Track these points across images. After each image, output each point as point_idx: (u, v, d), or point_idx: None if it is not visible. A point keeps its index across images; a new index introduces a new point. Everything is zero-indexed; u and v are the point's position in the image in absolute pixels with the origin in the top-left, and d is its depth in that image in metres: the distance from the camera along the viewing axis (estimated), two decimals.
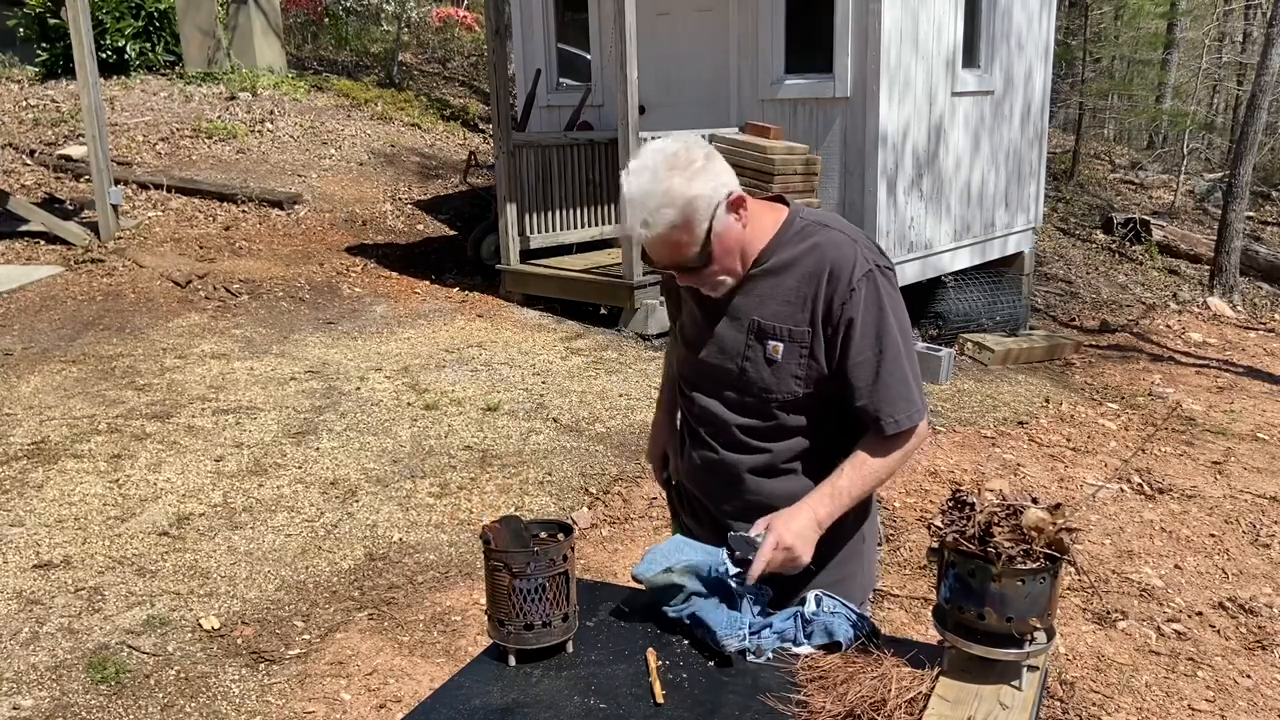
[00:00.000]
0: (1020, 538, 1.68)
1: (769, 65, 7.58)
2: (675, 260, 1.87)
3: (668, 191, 1.80)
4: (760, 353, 1.94)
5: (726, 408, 2.01)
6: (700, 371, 2.05)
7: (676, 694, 1.74)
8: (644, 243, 1.86)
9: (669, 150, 1.83)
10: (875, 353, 1.89)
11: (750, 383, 1.96)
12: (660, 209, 1.80)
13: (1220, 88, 19.62)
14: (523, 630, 1.84)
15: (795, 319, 1.92)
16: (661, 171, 1.81)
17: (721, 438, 2.03)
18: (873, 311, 1.88)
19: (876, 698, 1.68)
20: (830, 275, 1.89)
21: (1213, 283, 11.13)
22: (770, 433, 1.99)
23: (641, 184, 1.81)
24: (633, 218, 1.83)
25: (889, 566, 4.43)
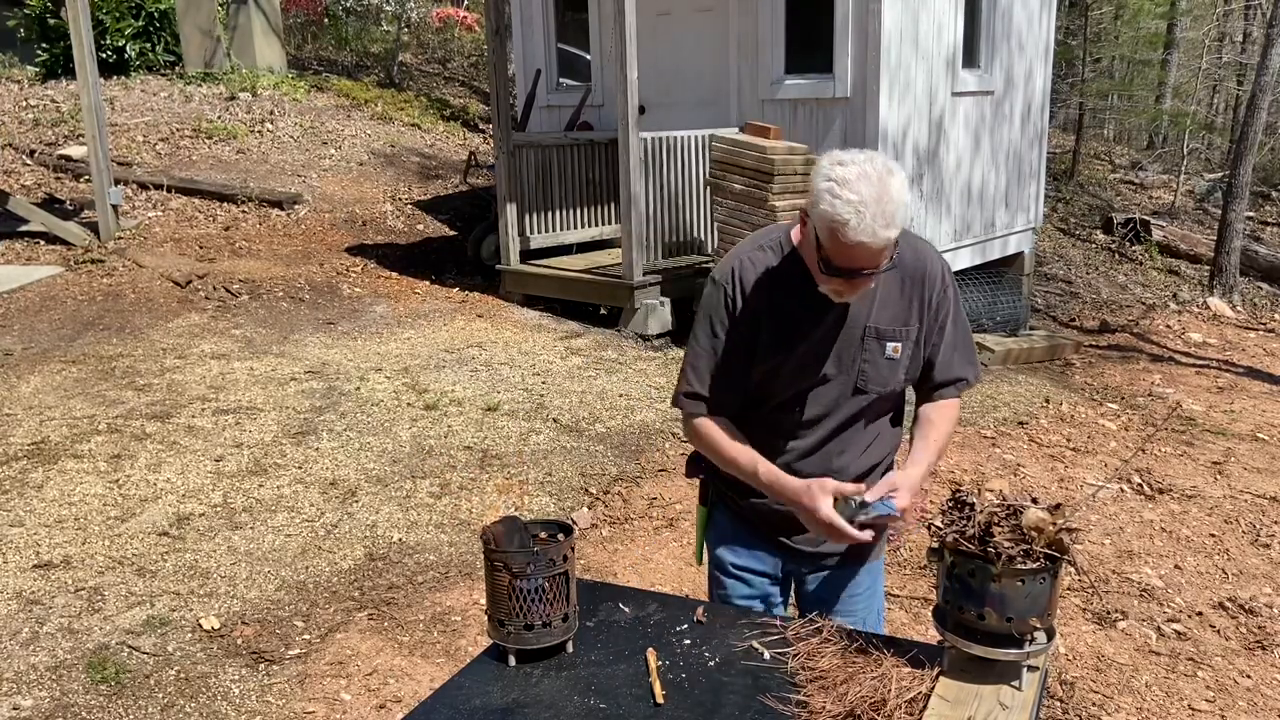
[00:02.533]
0: (1020, 538, 1.68)
1: (769, 65, 7.58)
2: (875, 263, 1.94)
3: (898, 198, 1.89)
4: (879, 354, 2.14)
5: (843, 410, 2.19)
6: (812, 380, 2.15)
7: (676, 694, 1.74)
8: (874, 247, 1.89)
9: (881, 162, 1.92)
10: (962, 334, 2.23)
11: (868, 382, 2.16)
12: (895, 213, 1.89)
13: (1220, 88, 19.62)
14: (523, 630, 1.84)
15: (907, 320, 2.15)
16: (889, 183, 1.88)
17: (838, 436, 2.21)
18: (955, 303, 2.21)
19: (876, 698, 1.68)
20: (928, 277, 2.15)
21: (1213, 283, 11.13)
22: (873, 419, 2.24)
23: (872, 190, 1.86)
24: (869, 222, 1.86)
25: (889, 566, 4.43)
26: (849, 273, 1.95)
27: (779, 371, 2.15)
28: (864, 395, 2.17)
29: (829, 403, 2.18)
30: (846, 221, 1.86)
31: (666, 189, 7.43)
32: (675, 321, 7.19)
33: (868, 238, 1.87)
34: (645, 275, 7.12)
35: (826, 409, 2.18)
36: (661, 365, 6.62)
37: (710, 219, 7.42)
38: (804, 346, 2.12)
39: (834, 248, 1.92)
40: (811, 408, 2.18)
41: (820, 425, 2.20)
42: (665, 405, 5.89)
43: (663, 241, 7.50)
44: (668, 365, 6.62)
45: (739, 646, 1.90)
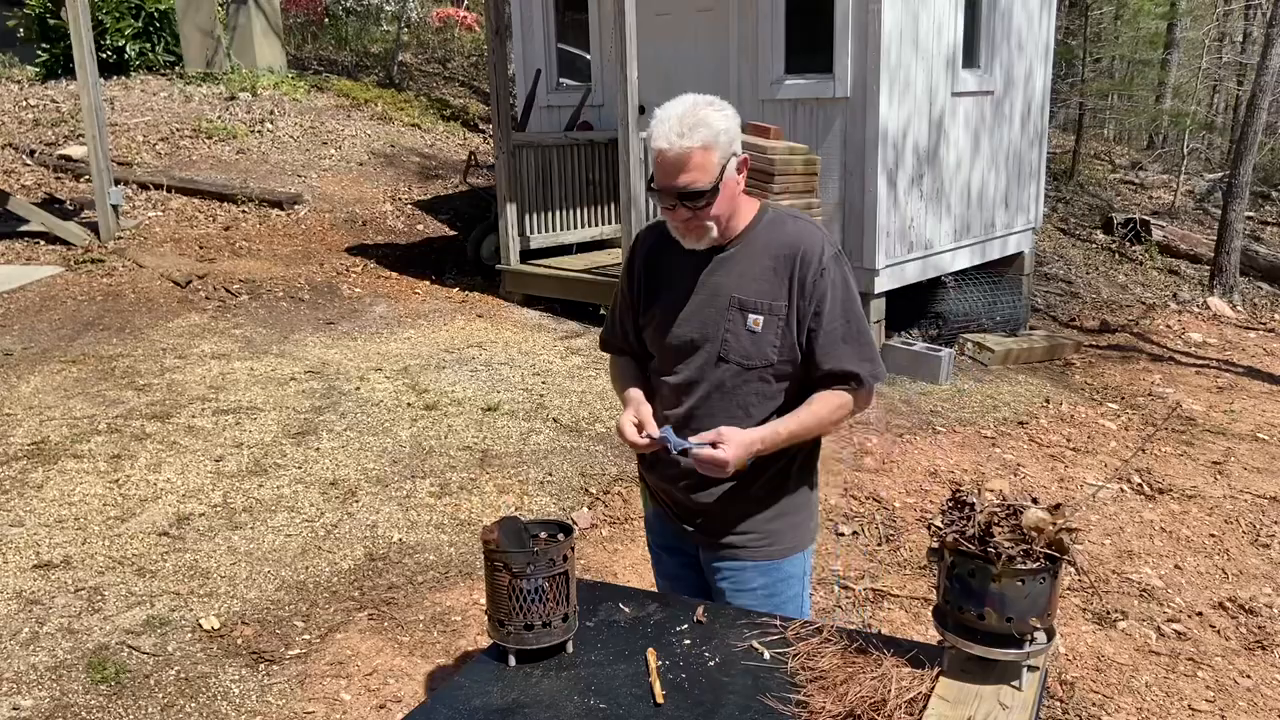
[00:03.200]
0: (1020, 538, 1.68)
1: (769, 65, 7.58)
2: (688, 183, 2.05)
3: (704, 117, 2.06)
4: (740, 324, 2.18)
5: (707, 377, 2.22)
6: (678, 347, 2.25)
7: (676, 694, 1.74)
8: (670, 156, 2.04)
9: (705, 96, 2.13)
10: (844, 322, 2.18)
11: (730, 352, 2.19)
12: (696, 126, 2.04)
13: (1220, 88, 19.61)
14: (523, 630, 1.84)
15: (774, 294, 2.17)
16: (700, 103, 2.09)
17: (703, 404, 2.23)
18: (840, 288, 2.18)
19: (876, 698, 1.68)
20: (803, 257, 2.16)
21: (1213, 283, 11.13)
22: (747, 397, 2.22)
23: (679, 108, 2.07)
24: (666, 129, 2.04)
25: (889, 566, 4.43)
26: (665, 194, 2.08)
27: (652, 328, 2.29)
28: (727, 365, 2.20)
29: (696, 370, 2.23)
30: (652, 131, 2.06)
31: None
32: None
33: (665, 144, 2.03)
34: None
35: (694, 376, 2.24)
36: None
37: None
38: (672, 305, 2.24)
39: (653, 164, 2.10)
40: (681, 371, 2.25)
41: (689, 393, 2.25)
42: None
43: None
44: None
45: (739, 646, 1.90)
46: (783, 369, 2.20)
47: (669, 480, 2.33)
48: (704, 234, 2.15)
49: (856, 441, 5.70)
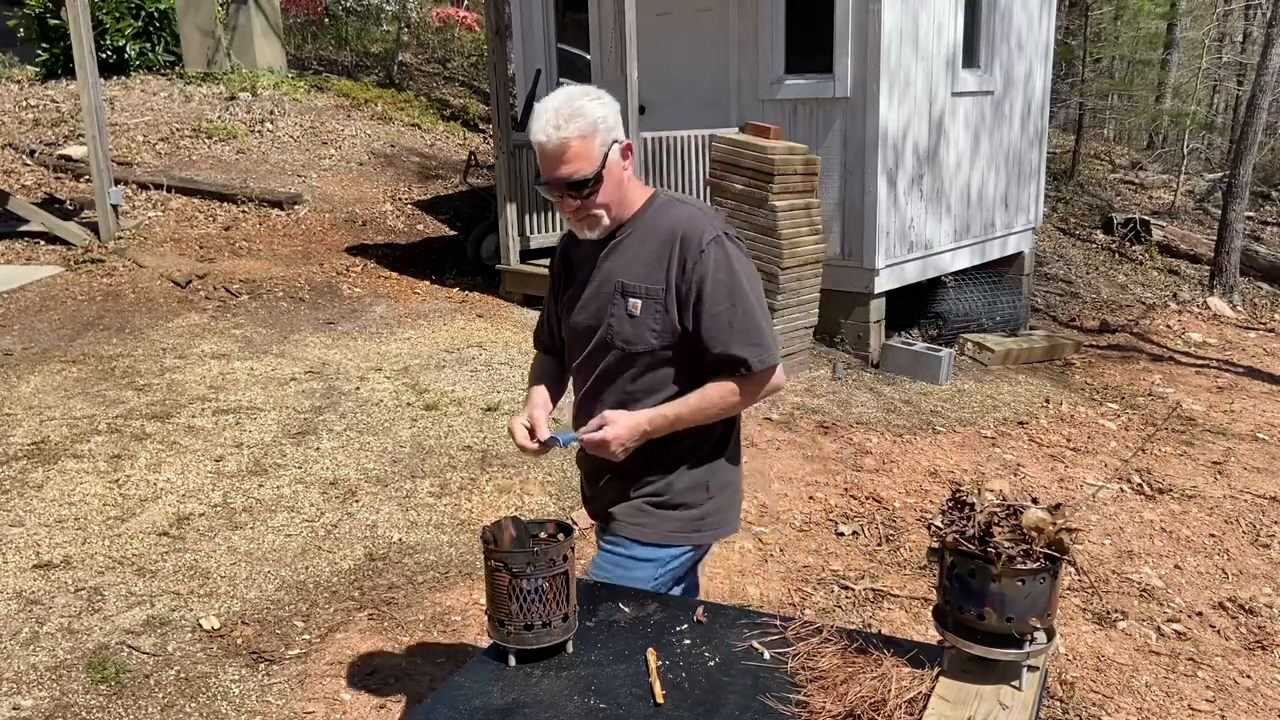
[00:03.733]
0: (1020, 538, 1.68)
1: (769, 65, 7.58)
2: (570, 173, 2.08)
3: (581, 107, 2.09)
4: (622, 308, 2.21)
5: (599, 363, 2.27)
6: (579, 334, 2.31)
7: (676, 694, 1.74)
8: (549, 148, 2.07)
9: (582, 87, 2.17)
10: (728, 305, 2.16)
11: (614, 336, 2.22)
12: (573, 117, 2.07)
13: (1220, 88, 19.61)
14: (523, 630, 1.84)
15: (652, 278, 2.19)
16: (576, 94, 2.12)
17: (598, 390, 2.29)
18: (723, 270, 2.16)
19: (876, 698, 1.68)
20: (683, 240, 2.17)
21: (1213, 283, 11.13)
22: (637, 383, 2.24)
23: (556, 101, 2.09)
24: (544, 122, 2.06)
25: (889, 566, 4.43)
26: (547, 184, 2.13)
27: (562, 314, 2.36)
28: (614, 350, 2.22)
29: (590, 355, 2.29)
30: (531, 124, 2.09)
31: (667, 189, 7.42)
32: None
33: (543, 136, 2.06)
34: None
35: (589, 362, 2.29)
36: None
37: None
38: (574, 294, 2.31)
39: (537, 156, 2.13)
40: (580, 358, 2.32)
41: (586, 378, 2.32)
42: None
43: None
44: None
45: (739, 646, 1.90)
46: (665, 354, 2.20)
47: (580, 461, 2.45)
48: (595, 223, 2.19)
49: (856, 442, 5.71)
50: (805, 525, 4.74)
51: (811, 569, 4.35)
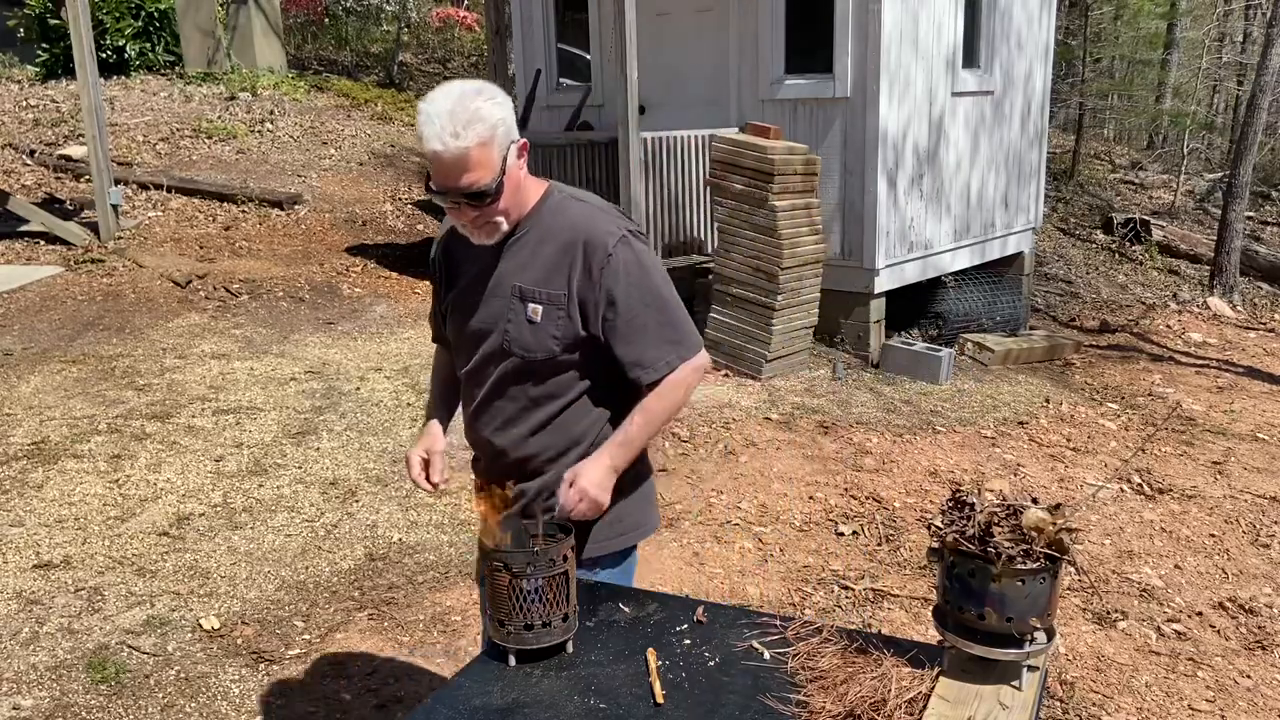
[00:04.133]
0: (1020, 538, 1.68)
1: (769, 65, 7.58)
2: (470, 183, 1.93)
3: (478, 110, 1.90)
4: (521, 314, 2.08)
5: (495, 371, 2.15)
6: (470, 339, 2.17)
7: (676, 694, 1.74)
8: (446, 158, 1.90)
9: (471, 83, 1.96)
10: (643, 309, 2.07)
11: (512, 343, 2.10)
12: (470, 123, 1.89)
13: (1220, 88, 19.62)
14: (523, 630, 1.84)
15: (553, 283, 2.07)
16: (469, 95, 1.91)
17: (494, 398, 2.18)
18: (634, 273, 2.06)
19: (876, 698, 1.68)
20: (586, 245, 2.05)
21: (1213, 283, 11.13)
22: (540, 388, 2.14)
23: (448, 103, 1.89)
24: (440, 129, 1.88)
25: (889, 566, 4.43)
26: (442, 192, 1.96)
27: (449, 318, 2.23)
28: (512, 358, 2.10)
29: (484, 361, 2.16)
30: (422, 132, 1.90)
31: (667, 189, 7.43)
32: None
33: (439, 146, 1.88)
34: None
35: (483, 368, 2.16)
36: None
37: (710, 219, 7.42)
38: (463, 296, 2.17)
39: (430, 164, 1.95)
40: (472, 363, 2.18)
41: (479, 385, 2.18)
42: None
43: (663, 241, 7.49)
44: None
45: (739, 646, 1.89)
46: (567, 360, 2.10)
47: (479, 470, 2.32)
48: (494, 230, 2.05)
49: (856, 442, 5.71)
50: (805, 525, 4.74)
51: (811, 569, 4.35)
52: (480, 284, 2.14)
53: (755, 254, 6.55)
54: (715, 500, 4.89)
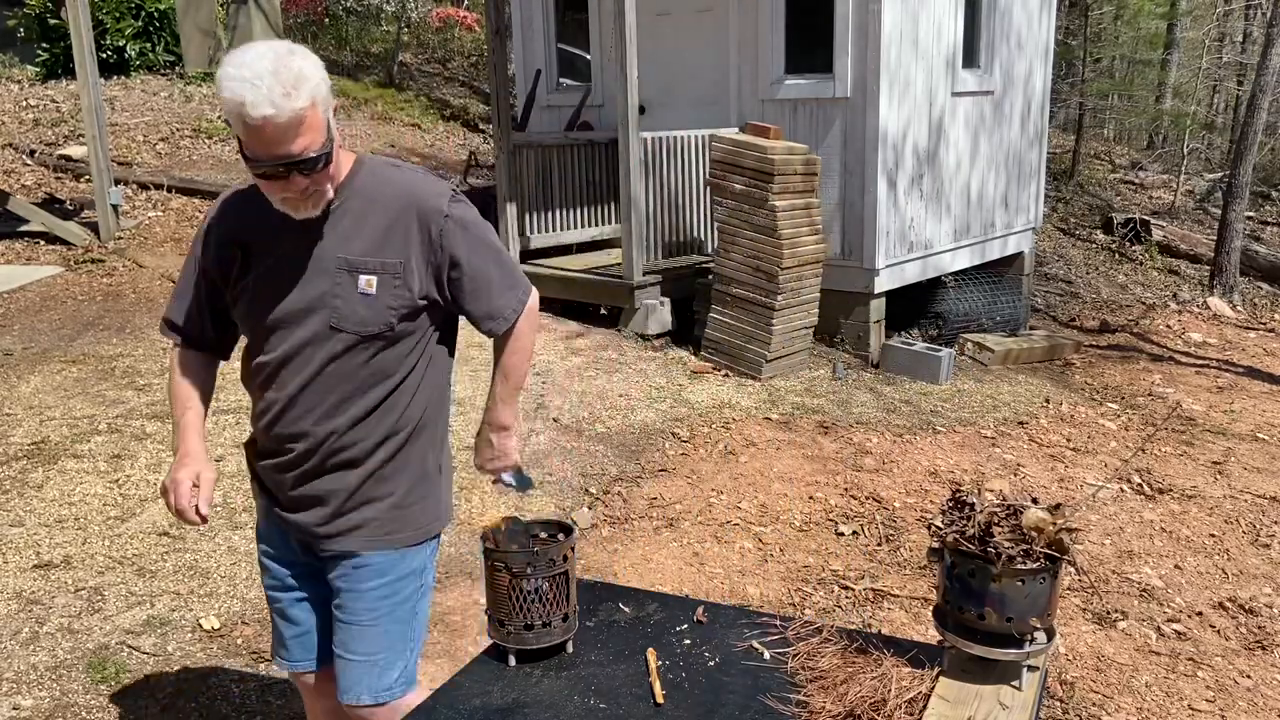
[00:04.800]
0: (1020, 538, 1.68)
1: (769, 65, 7.58)
2: (304, 148, 1.79)
3: (301, 70, 1.76)
4: (351, 287, 1.96)
5: (320, 353, 1.99)
6: (283, 321, 1.99)
7: (676, 694, 1.74)
8: (280, 121, 1.74)
9: (279, 43, 1.81)
10: (485, 264, 2.07)
11: (342, 320, 1.97)
12: (300, 83, 1.75)
13: (1220, 88, 19.62)
14: (523, 630, 1.84)
15: (387, 252, 1.98)
16: (284, 54, 1.76)
17: (322, 384, 2.01)
18: (471, 230, 2.07)
19: (876, 698, 1.68)
20: (420, 211, 2.00)
21: (1213, 283, 11.13)
22: (369, 367, 2.03)
23: (267, 63, 1.74)
24: (268, 92, 1.72)
25: (889, 566, 4.43)
26: (272, 163, 1.79)
27: (244, 304, 2.02)
28: (341, 335, 1.97)
29: (302, 344, 1.99)
30: (244, 98, 1.72)
31: (667, 189, 7.43)
32: (676, 321, 7.19)
33: (270, 109, 1.72)
34: (645, 275, 7.12)
35: (301, 352, 1.99)
36: (662, 365, 6.62)
37: (710, 219, 7.42)
38: (269, 276, 1.99)
39: (248, 136, 1.77)
40: (284, 349, 2.00)
41: (298, 371, 2.00)
42: (666, 405, 5.89)
43: (663, 241, 7.49)
44: (668, 365, 6.62)
45: (739, 646, 1.90)
46: (403, 331, 2.02)
47: (282, 470, 2.09)
48: (321, 199, 1.91)
49: (856, 442, 5.71)
50: (805, 525, 4.74)
51: (811, 569, 4.35)
52: (292, 263, 1.97)
53: (755, 254, 6.55)
54: (715, 500, 4.89)
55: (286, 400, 2.02)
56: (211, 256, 2.04)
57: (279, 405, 2.03)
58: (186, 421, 2.10)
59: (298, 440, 2.04)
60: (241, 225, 2.01)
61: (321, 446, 2.04)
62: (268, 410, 2.05)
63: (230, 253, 2.01)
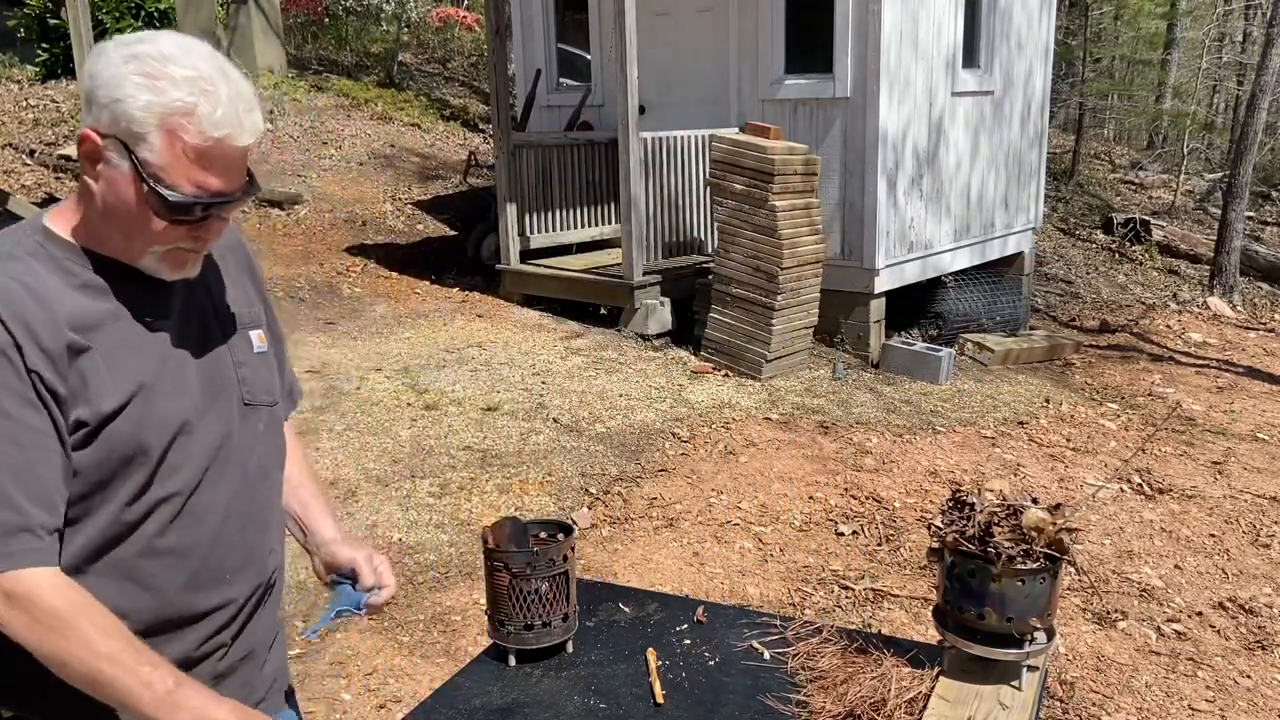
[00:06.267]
0: (1020, 538, 1.68)
1: (769, 65, 7.58)
2: (237, 178, 1.34)
3: (246, 82, 1.34)
4: (248, 349, 1.53)
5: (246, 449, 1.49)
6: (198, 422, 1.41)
7: (676, 694, 1.74)
8: (243, 145, 1.30)
9: (202, 43, 1.34)
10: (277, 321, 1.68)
11: (255, 391, 1.51)
12: (252, 99, 1.33)
13: (1220, 88, 19.62)
14: (523, 630, 1.84)
15: (251, 298, 1.58)
16: (227, 65, 1.33)
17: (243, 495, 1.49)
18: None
19: (876, 698, 1.68)
20: (243, 245, 1.61)
21: (1213, 283, 11.13)
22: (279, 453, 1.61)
23: (219, 63, 1.31)
24: (237, 109, 1.28)
25: (889, 566, 4.43)
26: (206, 203, 1.30)
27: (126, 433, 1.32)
28: (256, 410, 1.50)
29: (223, 439, 1.44)
30: (193, 107, 1.25)
31: (667, 189, 7.43)
32: (675, 321, 7.20)
33: (232, 127, 1.27)
34: (645, 275, 7.12)
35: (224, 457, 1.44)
36: (662, 365, 6.62)
37: (710, 219, 7.42)
38: (152, 375, 1.36)
39: (179, 159, 1.26)
40: (195, 460, 1.40)
41: (216, 483, 1.43)
42: (666, 405, 5.89)
43: (663, 241, 7.50)
44: (668, 365, 6.62)
45: (739, 646, 1.90)
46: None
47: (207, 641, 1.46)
48: (219, 235, 1.41)
49: (856, 442, 5.71)
50: (805, 525, 4.74)
51: (811, 569, 4.35)
52: (171, 343, 1.40)
53: (755, 254, 6.55)
54: (715, 500, 4.89)
55: (210, 538, 1.42)
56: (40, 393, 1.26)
57: (200, 550, 1.41)
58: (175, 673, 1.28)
59: (236, 584, 1.48)
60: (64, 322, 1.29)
61: (265, 581, 1.56)
62: (177, 568, 1.39)
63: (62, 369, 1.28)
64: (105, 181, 1.30)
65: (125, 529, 1.35)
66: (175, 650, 1.38)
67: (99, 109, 1.27)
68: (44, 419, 1.26)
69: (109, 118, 1.26)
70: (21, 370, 1.24)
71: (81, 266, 1.34)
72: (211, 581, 1.43)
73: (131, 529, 1.35)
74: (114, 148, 1.28)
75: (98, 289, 1.34)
